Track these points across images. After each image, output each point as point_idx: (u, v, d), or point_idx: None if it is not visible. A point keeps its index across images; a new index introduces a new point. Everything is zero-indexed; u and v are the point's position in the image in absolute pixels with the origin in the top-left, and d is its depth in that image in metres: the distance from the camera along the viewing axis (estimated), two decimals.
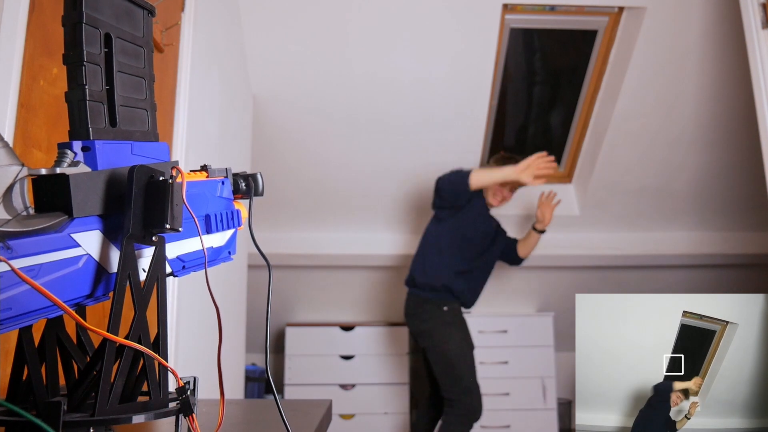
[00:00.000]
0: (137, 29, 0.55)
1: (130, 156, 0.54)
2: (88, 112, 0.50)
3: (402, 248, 3.32)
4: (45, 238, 0.44)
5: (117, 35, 0.53)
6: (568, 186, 3.33)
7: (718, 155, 3.00)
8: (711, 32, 2.51)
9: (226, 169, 0.67)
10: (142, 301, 0.51)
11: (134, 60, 0.55)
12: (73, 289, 0.47)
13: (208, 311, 1.82)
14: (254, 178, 0.69)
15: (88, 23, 0.50)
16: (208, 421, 0.73)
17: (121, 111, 0.54)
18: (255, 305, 2.82)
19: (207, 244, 0.62)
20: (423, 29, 2.49)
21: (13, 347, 0.52)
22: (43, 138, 1.01)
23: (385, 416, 3.36)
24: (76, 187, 0.47)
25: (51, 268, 0.44)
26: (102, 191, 0.50)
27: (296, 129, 2.84)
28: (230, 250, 0.68)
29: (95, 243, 0.49)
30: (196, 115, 1.74)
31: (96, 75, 0.51)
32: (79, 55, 0.49)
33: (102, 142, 0.51)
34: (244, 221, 0.70)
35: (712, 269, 3.51)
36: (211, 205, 0.63)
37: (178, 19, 1.65)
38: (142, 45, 0.56)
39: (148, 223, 0.50)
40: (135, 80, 0.55)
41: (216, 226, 0.63)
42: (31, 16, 0.98)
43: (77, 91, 0.50)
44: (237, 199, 0.69)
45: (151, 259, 0.53)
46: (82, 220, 0.48)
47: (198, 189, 0.61)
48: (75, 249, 0.47)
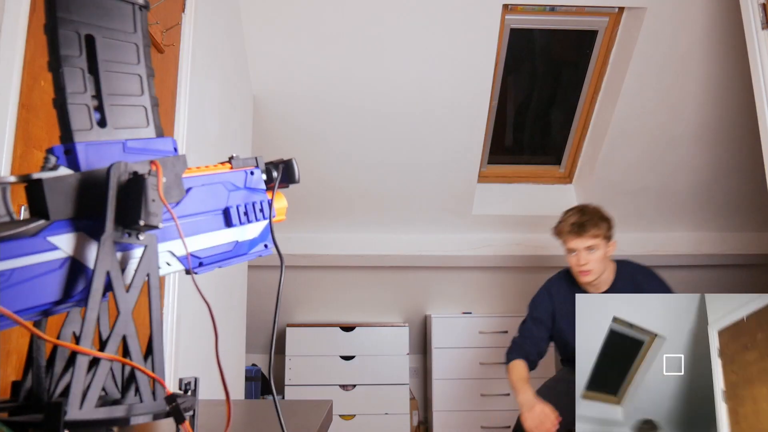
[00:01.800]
0: (126, 25, 0.54)
1: (122, 155, 0.53)
2: (70, 115, 0.50)
3: (402, 248, 3.32)
4: (15, 243, 0.44)
5: (101, 35, 0.52)
6: (569, 186, 3.33)
7: (718, 155, 3.00)
8: (711, 32, 2.51)
9: (256, 158, 0.64)
10: (126, 303, 0.50)
11: (124, 56, 0.54)
12: (53, 292, 0.46)
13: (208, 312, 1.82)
14: (288, 164, 0.66)
15: (62, 27, 0.49)
16: (210, 421, 0.73)
17: (112, 110, 0.53)
18: (255, 306, 2.82)
19: (230, 239, 0.61)
20: (423, 29, 2.49)
21: (14, 348, 0.52)
22: (43, 138, 1.01)
23: (385, 416, 3.35)
24: (52, 191, 0.47)
25: (25, 272, 0.44)
26: (79, 193, 0.49)
27: (296, 129, 2.83)
28: (266, 243, 0.65)
29: (77, 245, 0.48)
30: (196, 115, 1.74)
31: (76, 77, 0.50)
32: (57, 60, 0.49)
33: (84, 144, 0.50)
34: (284, 209, 0.67)
35: (712, 269, 3.51)
36: (232, 198, 0.61)
37: (178, 19, 1.65)
38: (134, 41, 0.55)
39: (126, 221, 0.49)
40: (127, 77, 0.54)
41: (238, 219, 0.61)
42: (31, 17, 0.98)
43: (59, 95, 0.50)
44: (271, 188, 0.66)
45: (140, 258, 0.52)
46: (60, 223, 0.47)
47: (212, 181, 0.60)
48: (53, 252, 0.46)
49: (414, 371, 3.78)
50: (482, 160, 3.12)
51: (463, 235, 3.36)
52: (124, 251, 0.52)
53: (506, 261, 3.39)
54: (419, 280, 3.54)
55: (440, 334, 3.48)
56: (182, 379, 0.59)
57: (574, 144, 3.16)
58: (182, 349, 1.63)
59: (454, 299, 3.67)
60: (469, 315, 3.56)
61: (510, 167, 3.31)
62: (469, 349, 3.43)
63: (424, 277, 3.53)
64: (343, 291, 3.59)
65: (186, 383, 0.59)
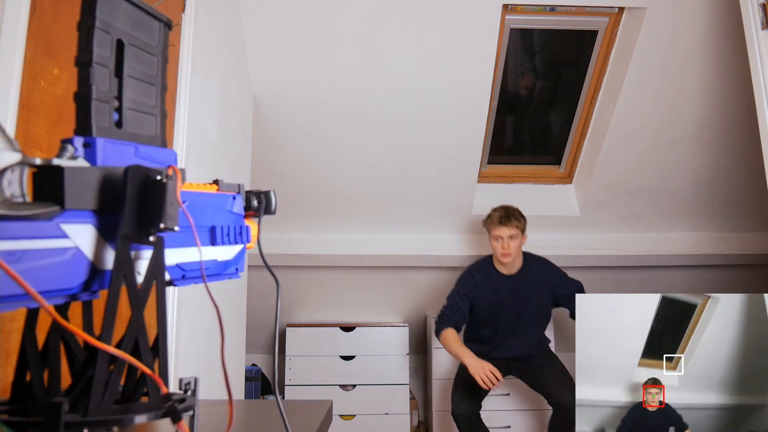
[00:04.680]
0: (152, 39, 0.58)
1: (134, 158, 0.54)
2: (93, 110, 0.51)
3: (402, 248, 3.32)
4: (31, 224, 0.44)
5: (130, 42, 0.55)
6: (569, 186, 3.33)
7: (718, 155, 3.00)
8: (711, 33, 2.51)
9: (239, 185, 0.67)
10: (139, 302, 0.51)
11: (146, 67, 0.57)
12: (58, 280, 0.46)
13: (208, 312, 1.82)
14: (267, 195, 0.69)
15: (100, 27, 0.52)
16: (211, 421, 0.73)
17: (129, 114, 0.55)
18: (255, 306, 2.82)
19: (211, 256, 0.62)
20: (423, 30, 2.49)
21: (14, 347, 0.52)
22: (43, 138, 1.01)
23: (385, 417, 3.36)
24: (71, 179, 0.47)
25: (35, 255, 0.44)
26: (98, 187, 0.50)
27: (296, 129, 2.84)
28: (238, 266, 0.67)
29: (86, 237, 0.48)
30: (196, 116, 1.75)
31: (104, 76, 0.52)
32: (89, 56, 0.51)
33: (104, 140, 0.52)
34: (255, 239, 0.70)
35: (712, 269, 3.51)
36: (218, 218, 0.63)
37: (178, 19, 1.65)
38: (155, 54, 0.58)
39: (143, 223, 0.50)
40: (145, 86, 0.57)
41: (221, 239, 0.63)
42: (32, 17, 0.98)
43: (84, 90, 0.51)
44: (249, 216, 0.69)
45: (150, 259, 0.52)
46: (74, 212, 0.47)
47: (205, 200, 0.62)
48: (63, 240, 0.46)
49: (414, 371, 3.78)
50: (482, 160, 3.12)
51: (463, 235, 3.36)
52: (135, 251, 0.52)
53: None
54: (419, 280, 3.55)
55: None
56: (182, 379, 0.59)
57: (574, 144, 3.16)
58: (182, 349, 1.63)
59: None
60: None
61: (510, 167, 3.31)
62: None
63: (424, 277, 3.53)
64: (343, 291, 3.59)
65: (186, 383, 0.59)
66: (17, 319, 1.03)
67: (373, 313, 3.67)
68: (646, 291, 3.49)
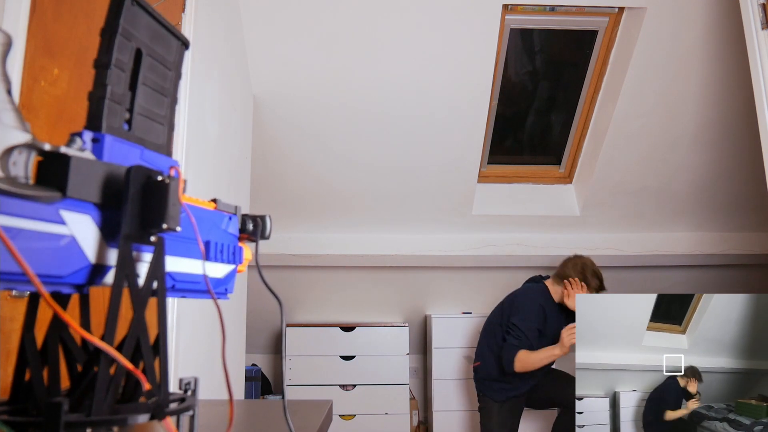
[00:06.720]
0: (169, 54, 0.61)
1: (138, 161, 0.55)
2: (105, 108, 0.53)
3: (402, 248, 3.32)
4: (31, 204, 0.44)
5: (148, 53, 0.58)
6: (569, 186, 3.33)
7: (718, 155, 3.00)
8: (711, 33, 2.51)
9: (236, 207, 0.68)
10: (141, 303, 0.51)
11: (160, 79, 0.60)
12: (49, 266, 0.46)
13: (208, 312, 1.82)
14: (262, 219, 0.70)
15: (122, 34, 0.54)
16: (211, 421, 0.73)
17: (139, 119, 0.57)
18: (255, 306, 2.82)
19: (202, 271, 0.63)
20: (423, 30, 2.49)
21: (14, 347, 0.52)
22: (43, 138, 1.00)
23: (385, 417, 3.36)
24: (76, 169, 0.48)
25: (30, 236, 0.44)
26: (101, 181, 0.50)
27: (296, 129, 2.84)
28: (227, 287, 0.68)
29: (84, 228, 0.49)
30: (196, 116, 1.75)
31: (120, 79, 0.55)
32: (109, 59, 0.54)
33: (112, 138, 0.53)
34: (247, 262, 0.70)
35: (712, 269, 3.51)
36: (213, 234, 0.64)
37: (178, 19, 1.65)
38: (170, 68, 0.61)
39: (145, 223, 0.50)
40: (158, 96, 0.59)
41: (215, 255, 0.64)
42: (32, 18, 0.98)
43: (99, 90, 0.53)
44: (243, 239, 0.70)
45: (151, 259, 0.53)
46: (75, 201, 0.48)
47: (202, 214, 0.63)
48: (60, 226, 0.46)
49: (414, 371, 3.78)
50: (482, 160, 3.13)
51: (463, 235, 3.36)
52: (135, 252, 0.53)
53: (506, 261, 3.39)
54: (419, 280, 3.55)
55: (440, 334, 3.48)
56: (182, 379, 0.59)
57: (574, 144, 3.16)
58: (182, 349, 1.63)
59: (454, 299, 3.67)
60: (469, 315, 3.56)
61: (510, 167, 3.31)
62: (469, 349, 3.43)
63: (424, 277, 3.53)
64: (343, 291, 3.59)
65: (186, 383, 0.59)
66: (17, 319, 1.03)
67: (373, 313, 3.67)
68: (646, 291, 3.50)
